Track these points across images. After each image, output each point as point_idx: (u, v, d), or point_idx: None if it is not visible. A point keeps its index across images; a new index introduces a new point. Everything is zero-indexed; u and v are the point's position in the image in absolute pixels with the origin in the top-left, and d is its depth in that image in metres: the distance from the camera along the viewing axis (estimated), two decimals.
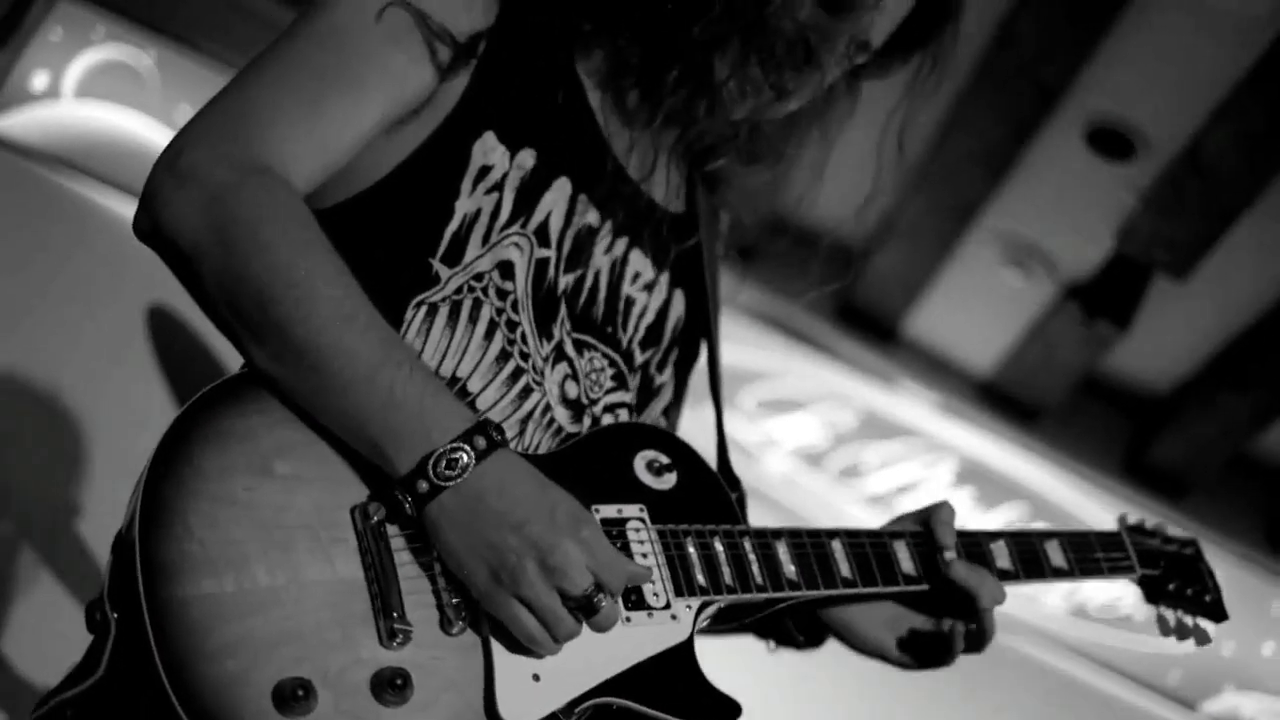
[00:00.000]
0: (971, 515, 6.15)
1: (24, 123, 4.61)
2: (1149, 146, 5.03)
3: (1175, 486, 6.37)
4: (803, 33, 1.95)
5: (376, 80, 1.82)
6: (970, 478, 6.28)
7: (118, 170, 4.55)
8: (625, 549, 1.82)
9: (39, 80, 4.69)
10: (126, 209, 4.51)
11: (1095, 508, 6.26)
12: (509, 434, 1.89)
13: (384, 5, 1.83)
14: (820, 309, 6.10)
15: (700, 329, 2.27)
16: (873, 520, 2.26)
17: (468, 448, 1.62)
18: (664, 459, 1.95)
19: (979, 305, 6.14)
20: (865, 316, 6.29)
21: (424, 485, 1.62)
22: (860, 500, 6.12)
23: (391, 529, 1.66)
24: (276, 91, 1.77)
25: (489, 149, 1.90)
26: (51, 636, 2.80)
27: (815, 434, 6.15)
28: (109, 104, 4.74)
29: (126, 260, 4.41)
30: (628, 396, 2.09)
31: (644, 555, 1.83)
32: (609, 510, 1.85)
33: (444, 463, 1.61)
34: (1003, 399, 6.46)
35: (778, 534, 1.97)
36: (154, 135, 4.76)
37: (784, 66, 1.97)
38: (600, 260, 2.03)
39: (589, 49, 2.03)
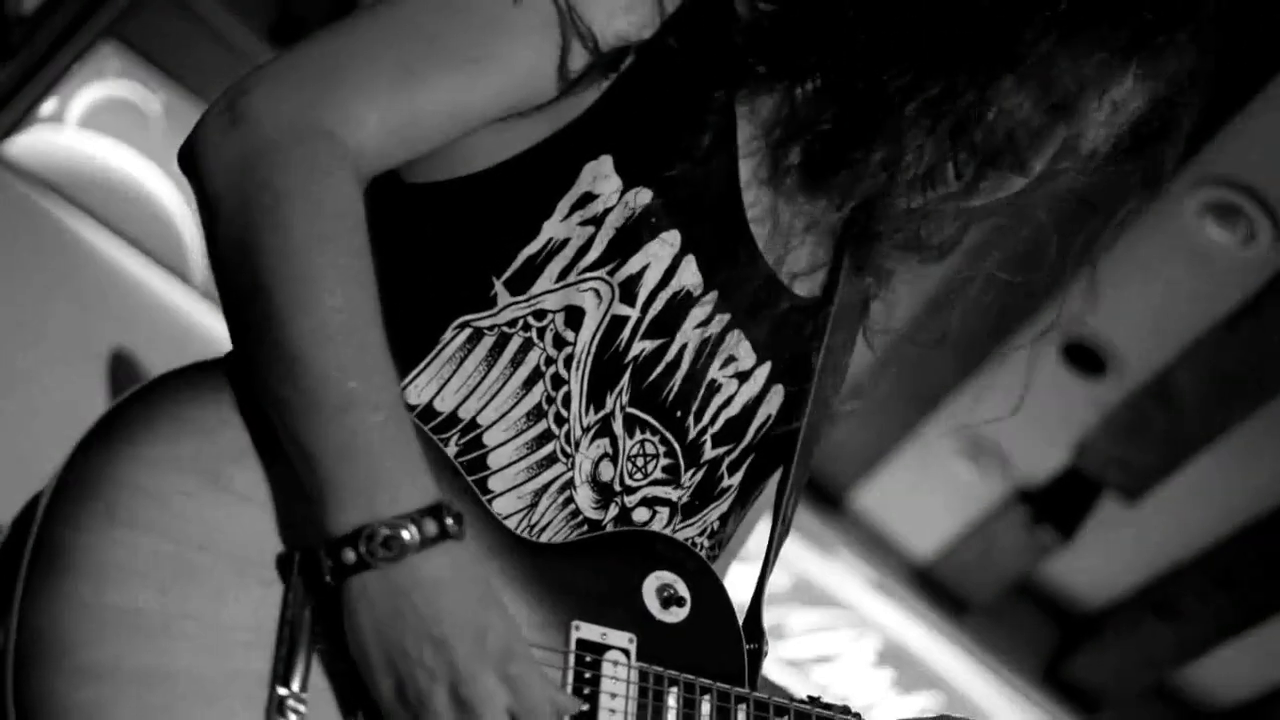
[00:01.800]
0: (886, 698, 6.12)
1: (23, 144, 4.59)
2: (1120, 369, 5.08)
3: (1090, 703, 6.37)
4: (1015, 131, 1.71)
5: (497, 68, 1.59)
6: (891, 659, 6.25)
7: (106, 207, 4.52)
8: (595, 681, 1.55)
9: (46, 104, 4.68)
10: (108, 245, 4.50)
11: (1009, 710, 6.24)
12: (518, 505, 1.65)
13: None
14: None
15: (791, 438, 1.90)
16: (786, 683, 2.06)
17: (414, 529, 1.37)
18: (680, 588, 1.66)
19: (928, 491, 6.15)
20: (814, 483, 6.29)
21: (351, 555, 1.36)
22: (776, 661, 6.08)
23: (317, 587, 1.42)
24: (376, 51, 1.55)
25: (601, 175, 1.65)
26: None
27: (745, 589, 6.11)
28: (110, 140, 4.72)
29: (101, 298, 4.41)
30: (675, 494, 1.78)
31: (613, 695, 1.55)
32: (591, 631, 1.57)
33: (381, 538, 1.36)
34: (936, 587, 6.46)
35: (782, 710, 1.64)
36: (149, 178, 4.74)
37: (985, 164, 1.73)
38: (690, 334, 1.73)
39: (758, 93, 1.75)
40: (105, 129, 4.69)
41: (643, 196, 1.67)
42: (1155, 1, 1.70)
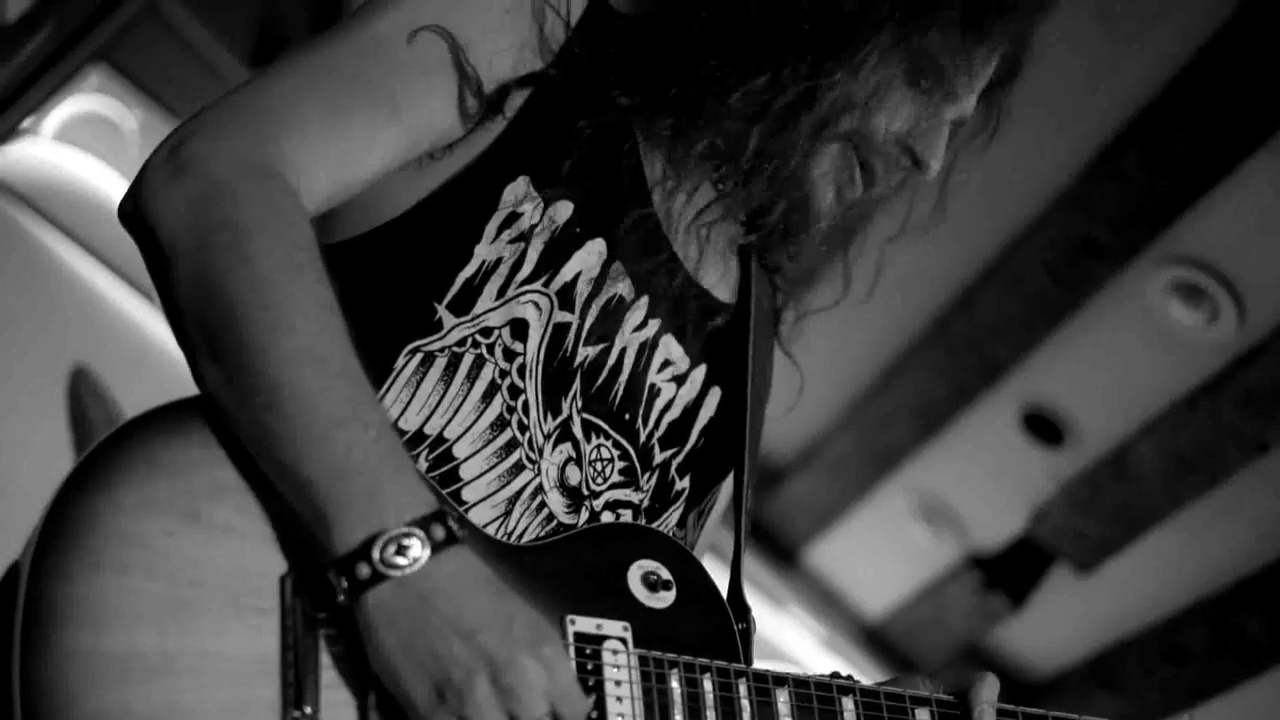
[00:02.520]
0: None
1: None
2: (1079, 440, 5.10)
3: None
4: (903, 137, 1.81)
5: (411, 104, 1.66)
6: None
7: (77, 221, 4.51)
8: (598, 672, 1.57)
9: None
10: (76, 259, 4.48)
11: None
12: (493, 514, 1.69)
13: (418, 28, 1.66)
14: (726, 518, 6.09)
15: (733, 436, 1.95)
16: None
17: (423, 535, 1.38)
18: (664, 573, 1.68)
19: (883, 551, 6.15)
20: (769, 536, 6.29)
21: (365, 570, 1.37)
22: None
23: (324, 611, 1.44)
24: (302, 93, 1.61)
25: (521, 195, 1.72)
26: None
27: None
28: (84, 154, 4.69)
29: (64, 311, 4.39)
30: (636, 496, 1.82)
31: (618, 683, 1.56)
32: (586, 624, 1.59)
33: (393, 548, 1.37)
34: (885, 647, 6.45)
35: (781, 680, 1.66)
36: (119, 194, 4.72)
37: (876, 162, 1.82)
38: (628, 338, 1.80)
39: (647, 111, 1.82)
40: (80, 143, 4.66)
41: (564, 210, 1.73)
42: None
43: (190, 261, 1.47)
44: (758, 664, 1.73)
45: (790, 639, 6.23)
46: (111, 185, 4.67)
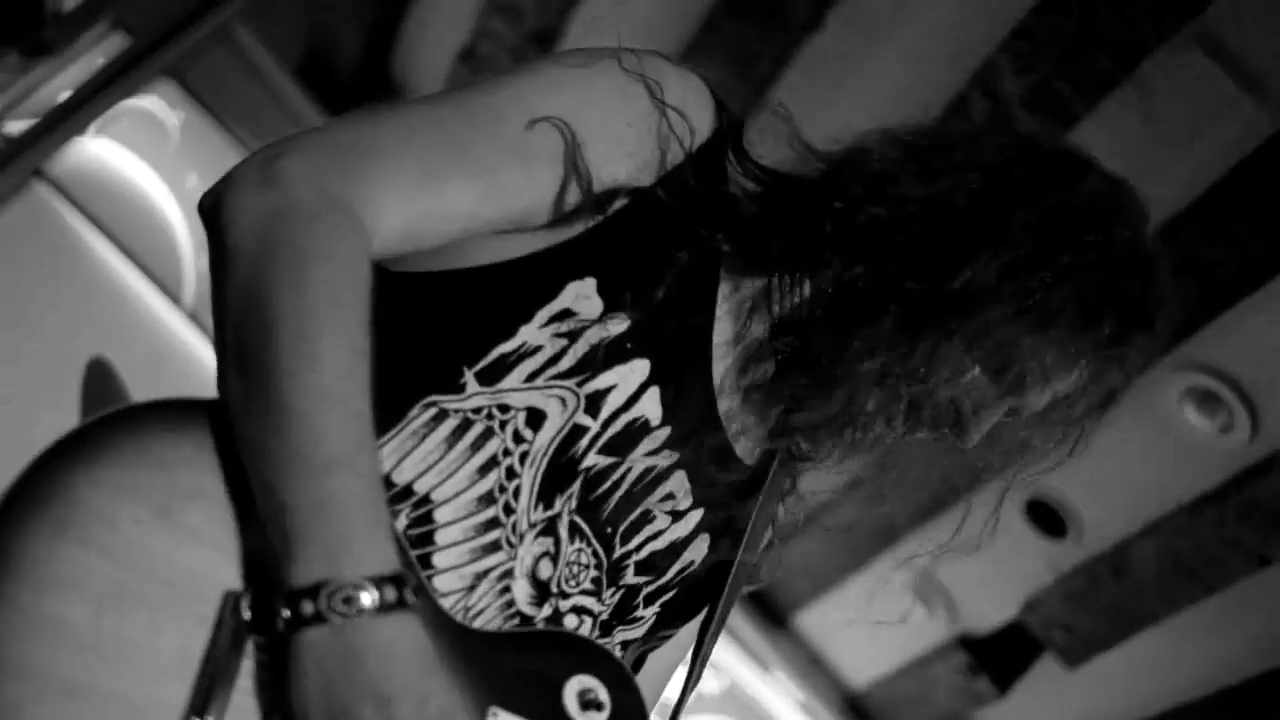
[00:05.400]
0: None
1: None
2: (1080, 534, 5.10)
3: None
4: (959, 400, 1.84)
5: (508, 187, 1.68)
6: None
7: (110, 214, 4.52)
8: None
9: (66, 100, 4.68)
10: (106, 252, 4.49)
11: None
12: (459, 585, 1.70)
13: (540, 116, 1.69)
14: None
15: (711, 588, 1.99)
16: None
17: (374, 593, 1.40)
18: (601, 694, 1.68)
19: (873, 623, 6.13)
20: (762, 597, 6.29)
21: (309, 608, 1.40)
22: None
23: (259, 632, 1.46)
24: (404, 145, 1.62)
25: (583, 295, 1.72)
26: None
27: (674, 691, 6.06)
28: (124, 148, 4.72)
29: (85, 300, 4.40)
30: (597, 607, 1.84)
31: None
32: None
33: (341, 597, 1.39)
34: (865, 718, 6.43)
35: None
36: (155, 192, 4.74)
37: (924, 420, 1.86)
38: (638, 460, 1.79)
39: (740, 269, 1.85)
40: (121, 137, 4.68)
41: (619, 323, 1.73)
42: (1121, 316, 1.83)
43: (247, 269, 1.50)
44: None
45: (771, 701, 6.22)
46: (149, 181, 4.69)
